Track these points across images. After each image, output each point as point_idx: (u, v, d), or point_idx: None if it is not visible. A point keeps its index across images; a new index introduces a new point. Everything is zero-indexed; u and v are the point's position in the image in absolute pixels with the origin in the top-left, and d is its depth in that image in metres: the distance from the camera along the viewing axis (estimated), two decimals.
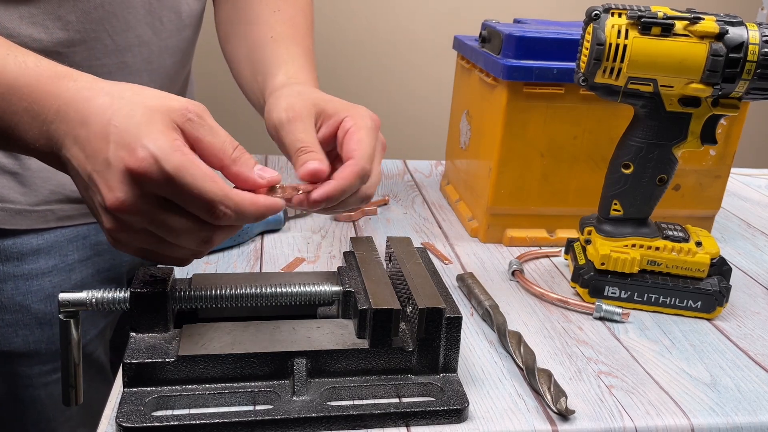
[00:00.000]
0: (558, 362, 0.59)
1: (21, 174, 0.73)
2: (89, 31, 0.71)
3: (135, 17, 0.74)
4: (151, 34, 0.77)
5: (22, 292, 0.76)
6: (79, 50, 0.71)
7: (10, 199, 0.73)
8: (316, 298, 0.56)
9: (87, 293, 0.51)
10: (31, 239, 0.75)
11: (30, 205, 0.74)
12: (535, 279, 0.75)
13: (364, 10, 1.83)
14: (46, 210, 0.75)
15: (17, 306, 0.76)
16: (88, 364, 0.83)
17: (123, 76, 0.75)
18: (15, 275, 0.75)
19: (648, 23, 0.61)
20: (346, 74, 1.85)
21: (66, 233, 0.77)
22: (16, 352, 0.77)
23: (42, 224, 0.75)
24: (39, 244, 0.75)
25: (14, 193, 0.73)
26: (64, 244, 0.77)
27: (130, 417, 0.47)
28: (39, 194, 0.74)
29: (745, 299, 0.73)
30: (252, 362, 0.51)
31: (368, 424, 0.50)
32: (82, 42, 0.70)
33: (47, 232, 0.76)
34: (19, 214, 0.73)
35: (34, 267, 0.75)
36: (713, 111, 0.65)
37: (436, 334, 0.52)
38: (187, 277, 0.66)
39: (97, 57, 0.72)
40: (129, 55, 0.75)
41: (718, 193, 0.85)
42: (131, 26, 0.74)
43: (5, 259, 0.74)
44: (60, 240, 0.77)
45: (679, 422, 0.53)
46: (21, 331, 0.77)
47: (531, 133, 0.78)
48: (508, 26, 0.83)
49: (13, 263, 0.75)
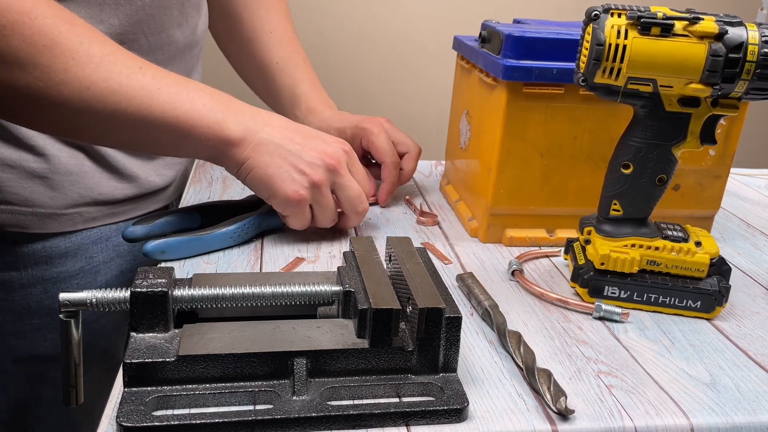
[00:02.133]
0: (558, 362, 0.60)
1: (50, 178, 0.73)
2: (129, 33, 0.72)
3: (169, 18, 0.76)
4: (179, 33, 0.79)
5: (51, 295, 0.76)
6: None
7: (40, 203, 0.73)
8: (316, 298, 0.56)
9: (87, 293, 0.51)
10: (59, 242, 0.75)
11: (59, 209, 0.74)
12: (535, 279, 0.75)
13: (364, 11, 1.83)
14: (74, 213, 0.76)
15: (46, 310, 0.76)
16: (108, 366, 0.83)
17: None
18: (44, 279, 0.75)
19: (647, 23, 0.61)
20: (346, 74, 1.85)
21: (90, 235, 0.78)
22: (42, 355, 0.77)
23: (70, 227, 0.76)
24: (66, 246, 0.76)
25: (43, 197, 0.73)
26: (89, 246, 0.78)
27: (131, 416, 0.47)
28: (67, 197, 0.75)
29: (745, 299, 0.73)
30: (252, 362, 0.51)
31: (368, 424, 0.50)
32: (122, 44, 0.71)
33: (74, 235, 0.77)
34: (48, 217, 0.74)
35: (62, 270, 0.76)
36: (713, 111, 0.65)
37: (435, 333, 0.52)
38: (187, 277, 0.66)
39: None
40: (159, 53, 0.77)
41: (718, 193, 0.85)
42: (165, 27, 0.76)
43: (34, 263, 0.75)
44: (85, 242, 0.77)
45: (679, 422, 0.53)
46: (50, 335, 0.77)
47: (531, 133, 0.78)
48: (508, 26, 0.83)
49: (42, 267, 0.75)
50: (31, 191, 0.73)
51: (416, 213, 0.90)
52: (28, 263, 0.74)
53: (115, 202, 0.80)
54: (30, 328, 0.76)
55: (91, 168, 0.77)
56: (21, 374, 0.79)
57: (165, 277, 0.53)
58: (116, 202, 0.80)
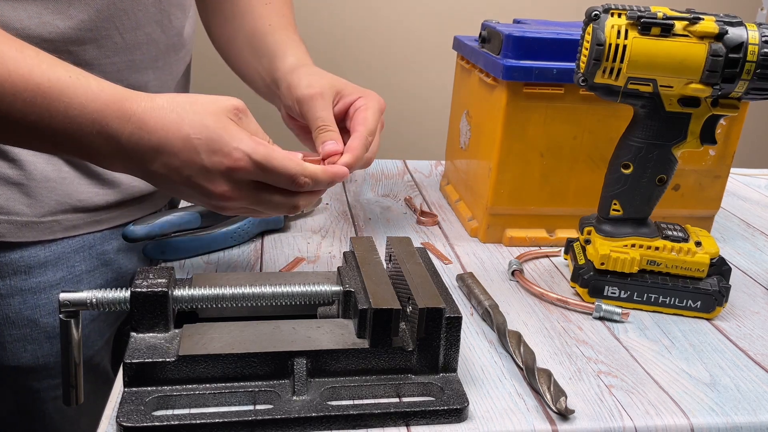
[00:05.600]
0: (558, 362, 0.60)
1: (26, 185, 0.72)
2: (100, 29, 0.70)
3: (145, 15, 0.74)
4: (160, 32, 0.77)
5: (30, 306, 0.74)
6: (90, 48, 0.70)
7: (16, 211, 0.71)
8: (317, 298, 0.56)
9: (88, 293, 0.51)
10: (38, 251, 0.74)
11: (36, 217, 0.72)
12: (535, 279, 0.75)
13: (364, 11, 1.83)
14: (52, 221, 0.74)
15: (25, 320, 0.74)
16: (95, 375, 0.82)
17: (130, 74, 0.75)
18: (23, 289, 0.73)
19: (647, 23, 0.61)
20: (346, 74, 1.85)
21: (72, 244, 0.76)
22: (24, 366, 0.76)
23: (48, 236, 0.74)
24: (46, 256, 0.74)
25: (19, 205, 0.72)
26: (70, 255, 0.76)
27: (131, 416, 0.47)
28: (45, 205, 0.73)
29: (745, 299, 0.73)
30: (252, 362, 0.51)
31: (368, 424, 0.50)
32: (93, 40, 0.70)
33: (54, 244, 0.75)
34: (25, 226, 0.72)
35: (41, 280, 0.74)
36: (713, 111, 0.65)
37: (436, 333, 0.52)
38: (187, 277, 0.66)
39: (107, 55, 0.72)
40: (138, 53, 0.75)
41: (718, 193, 0.85)
42: (141, 24, 0.74)
43: (12, 273, 0.73)
44: (67, 251, 0.76)
45: (679, 422, 0.53)
46: (29, 345, 0.75)
47: (531, 133, 0.78)
48: (508, 26, 0.83)
49: (20, 277, 0.73)
50: (7, 198, 0.71)
51: (416, 213, 0.90)
52: (6, 273, 0.72)
53: (97, 208, 0.78)
54: (9, 339, 0.74)
55: (70, 173, 0.75)
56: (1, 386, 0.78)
57: (165, 277, 0.53)
58: (98, 209, 0.78)
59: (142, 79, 0.77)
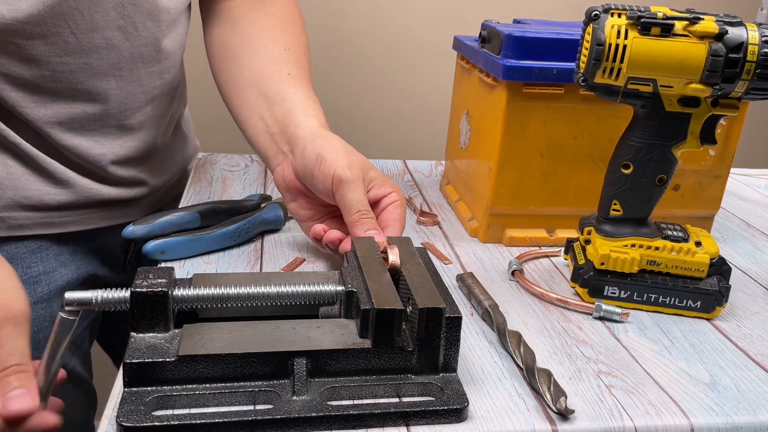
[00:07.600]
0: (558, 362, 0.60)
1: None
2: (49, 26, 0.69)
3: (104, 18, 0.72)
4: (123, 39, 0.75)
5: None
6: (38, 44, 0.69)
7: None
8: (319, 298, 0.56)
9: (92, 293, 0.51)
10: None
11: None
12: (535, 279, 0.75)
13: (363, 10, 1.83)
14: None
15: None
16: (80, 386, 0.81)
17: (87, 78, 0.74)
18: None
19: (647, 23, 0.61)
20: (346, 74, 1.84)
21: (28, 245, 0.75)
22: None
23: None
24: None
25: None
26: (26, 256, 0.75)
27: (131, 416, 0.47)
28: None
29: (745, 299, 0.73)
30: (252, 362, 0.51)
31: (368, 424, 0.50)
32: (42, 36, 0.68)
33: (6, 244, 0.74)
34: None
35: None
36: (713, 111, 0.65)
37: (436, 333, 0.52)
38: (187, 277, 0.66)
39: (58, 54, 0.71)
40: (95, 57, 0.74)
41: (718, 193, 0.85)
42: (99, 27, 0.72)
43: None
44: (22, 251, 0.75)
45: (679, 422, 0.53)
46: None
47: (531, 133, 0.79)
48: (508, 26, 0.83)
49: None
50: None
51: (416, 213, 0.90)
52: None
53: (48, 208, 0.76)
54: None
55: (18, 170, 0.74)
56: None
57: (165, 277, 0.53)
58: (49, 209, 0.76)
59: (101, 86, 0.76)
